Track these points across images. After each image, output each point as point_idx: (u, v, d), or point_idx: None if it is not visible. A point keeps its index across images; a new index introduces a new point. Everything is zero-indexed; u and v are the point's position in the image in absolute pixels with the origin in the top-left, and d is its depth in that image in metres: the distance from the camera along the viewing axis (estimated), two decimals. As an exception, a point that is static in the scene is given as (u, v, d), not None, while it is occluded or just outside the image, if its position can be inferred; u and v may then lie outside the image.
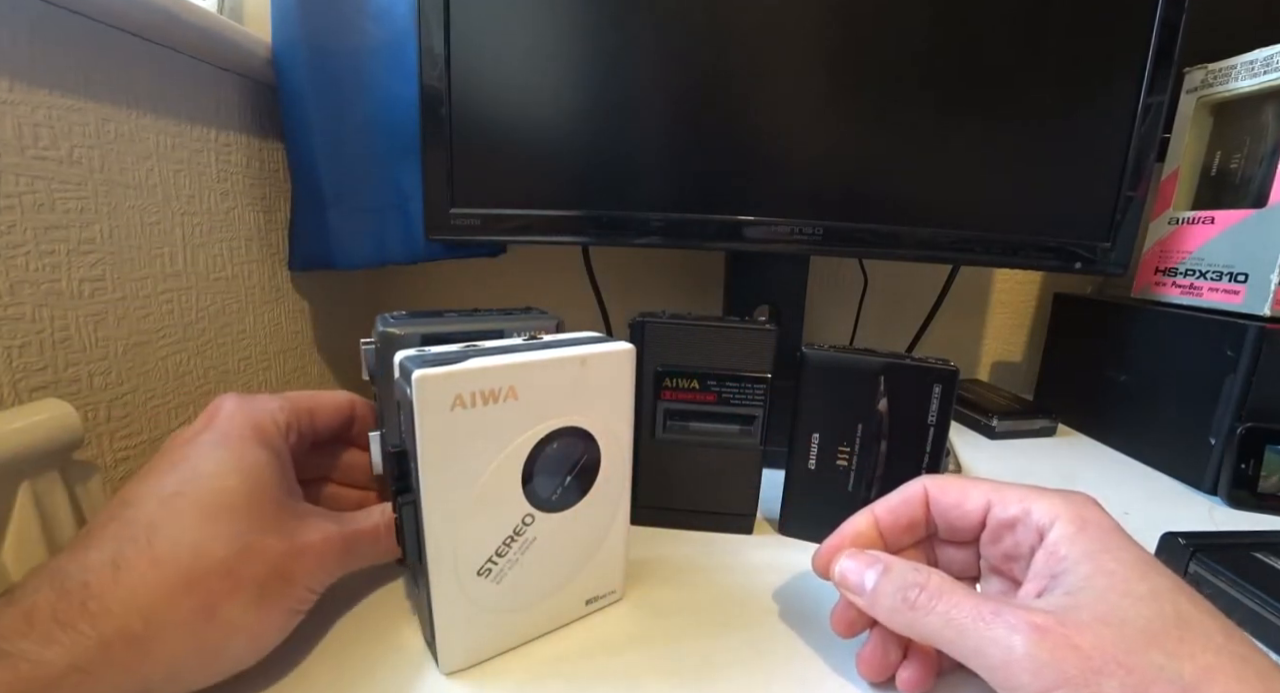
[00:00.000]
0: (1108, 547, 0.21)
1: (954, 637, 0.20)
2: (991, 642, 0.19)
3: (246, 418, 0.25)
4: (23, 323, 0.30)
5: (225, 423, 0.25)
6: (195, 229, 0.41)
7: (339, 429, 0.31)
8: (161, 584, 0.20)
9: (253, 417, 0.26)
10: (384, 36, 0.50)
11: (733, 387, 0.34)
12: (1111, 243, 0.47)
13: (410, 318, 0.29)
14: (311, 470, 0.31)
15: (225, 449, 0.24)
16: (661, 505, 0.36)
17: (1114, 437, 0.55)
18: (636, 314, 0.34)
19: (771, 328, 0.33)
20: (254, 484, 0.23)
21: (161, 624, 0.20)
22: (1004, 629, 0.19)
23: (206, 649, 0.21)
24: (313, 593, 0.24)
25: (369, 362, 0.29)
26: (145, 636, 0.19)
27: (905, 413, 0.32)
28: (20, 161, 0.29)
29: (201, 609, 0.20)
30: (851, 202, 0.46)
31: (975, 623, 0.20)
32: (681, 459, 0.35)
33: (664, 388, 0.34)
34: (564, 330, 0.30)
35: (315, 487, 0.31)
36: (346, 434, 0.32)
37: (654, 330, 0.33)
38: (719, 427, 0.34)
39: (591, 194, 0.46)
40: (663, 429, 0.35)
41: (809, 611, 0.29)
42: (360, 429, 0.32)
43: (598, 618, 0.28)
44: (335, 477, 0.32)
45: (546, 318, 0.31)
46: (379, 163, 0.51)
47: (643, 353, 0.33)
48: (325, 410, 0.30)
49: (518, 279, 0.70)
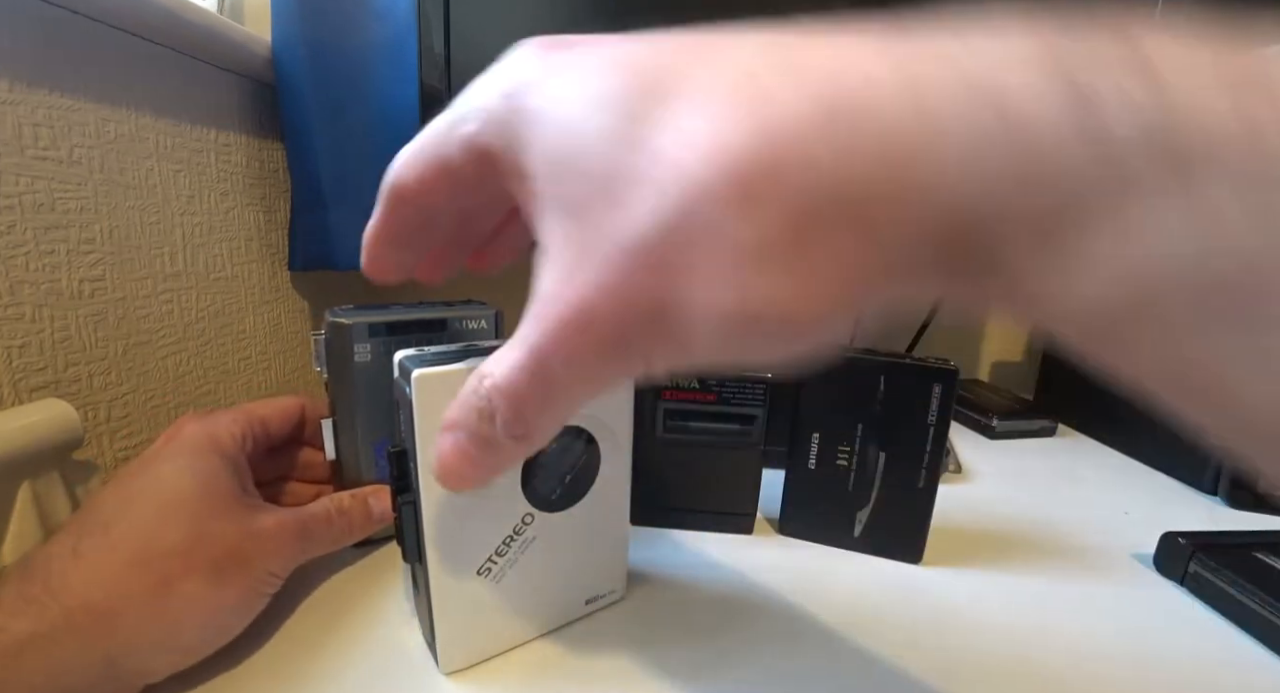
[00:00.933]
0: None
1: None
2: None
3: (203, 433, 0.27)
4: (23, 323, 0.30)
5: (186, 438, 0.27)
6: (195, 229, 0.41)
7: (292, 432, 0.33)
8: (119, 563, 0.22)
9: (209, 431, 0.27)
10: (384, 36, 0.50)
11: (733, 387, 0.34)
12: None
13: (358, 310, 0.31)
14: (271, 471, 0.32)
15: (183, 458, 0.26)
16: (662, 505, 0.36)
17: (1114, 437, 0.55)
18: None
19: None
20: (209, 485, 0.25)
21: (120, 596, 0.21)
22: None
23: (165, 622, 0.22)
24: (273, 576, 0.25)
25: (319, 352, 0.31)
26: (106, 607, 0.21)
27: (905, 413, 0.32)
28: (20, 161, 0.29)
29: (158, 584, 0.22)
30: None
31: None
32: (682, 459, 0.35)
33: (664, 388, 0.34)
34: (502, 322, 0.32)
35: (276, 486, 0.33)
36: (300, 435, 0.33)
37: None
38: (719, 426, 0.34)
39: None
40: (663, 429, 0.35)
41: (809, 611, 0.29)
42: (312, 430, 0.33)
43: (599, 618, 0.28)
44: (294, 475, 0.34)
45: (485, 309, 0.33)
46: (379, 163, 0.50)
47: None
48: (276, 417, 0.31)
49: (518, 279, 0.69)
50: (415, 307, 0.32)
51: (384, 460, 0.31)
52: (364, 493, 0.30)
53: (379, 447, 0.32)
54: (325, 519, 0.28)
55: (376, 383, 0.30)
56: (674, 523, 0.36)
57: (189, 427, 0.27)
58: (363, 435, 0.31)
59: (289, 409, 0.32)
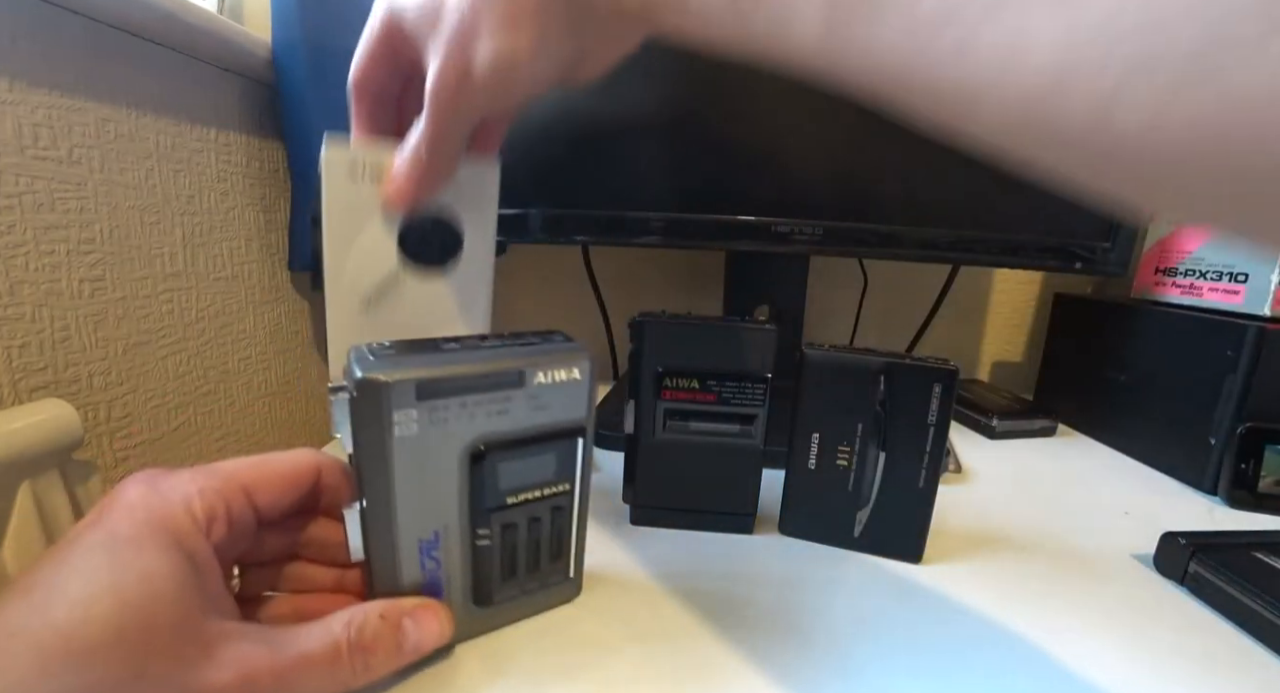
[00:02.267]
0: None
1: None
2: None
3: (150, 512, 0.19)
4: (23, 323, 0.30)
5: (120, 518, 0.19)
6: (195, 229, 0.41)
7: (299, 502, 0.24)
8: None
9: (159, 510, 0.19)
10: (384, 36, 0.50)
11: (733, 386, 0.34)
12: (1111, 243, 0.47)
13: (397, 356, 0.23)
14: (269, 551, 0.24)
15: (108, 558, 0.18)
16: (661, 505, 0.36)
17: (1114, 437, 0.55)
18: (636, 314, 0.34)
19: (772, 328, 0.33)
20: (139, 608, 0.17)
21: None
22: None
23: None
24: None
25: (339, 417, 0.22)
26: None
27: (905, 413, 0.32)
28: (20, 161, 0.29)
29: None
30: (851, 201, 0.46)
31: None
32: (681, 459, 0.35)
33: (664, 387, 0.34)
34: (595, 374, 0.26)
35: (274, 570, 0.25)
36: (315, 504, 0.25)
37: (654, 330, 0.33)
38: (719, 426, 0.34)
39: (591, 194, 0.46)
40: (663, 429, 0.35)
41: (808, 610, 0.29)
42: (331, 500, 0.25)
43: (592, 614, 0.28)
44: (306, 554, 0.25)
45: (573, 348, 0.26)
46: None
47: (643, 353, 0.33)
48: (270, 486, 0.23)
49: (518, 279, 0.70)
50: (477, 347, 0.24)
51: (427, 557, 0.24)
52: (398, 611, 0.22)
53: (427, 545, 0.24)
54: (329, 659, 0.20)
55: (425, 458, 0.22)
56: (673, 523, 0.36)
57: (131, 494, 0.19)
58: (403, 530, 0.23)
59: (293, 475, 0.24)
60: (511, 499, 0.25)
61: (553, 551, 0.27)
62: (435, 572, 0.24)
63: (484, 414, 0.23)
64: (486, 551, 0.25)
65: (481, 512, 0.24)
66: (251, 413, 0.48)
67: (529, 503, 0.26)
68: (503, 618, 0.27)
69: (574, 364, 0.25)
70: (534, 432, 0.24)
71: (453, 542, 0.24)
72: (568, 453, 0.26)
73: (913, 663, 0.26)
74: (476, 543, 0.25)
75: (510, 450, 0.24)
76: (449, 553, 0.24)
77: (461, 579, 0.25)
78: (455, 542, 0.24)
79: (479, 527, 0.24)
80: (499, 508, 0.25)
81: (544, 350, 0.25)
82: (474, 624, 0.26)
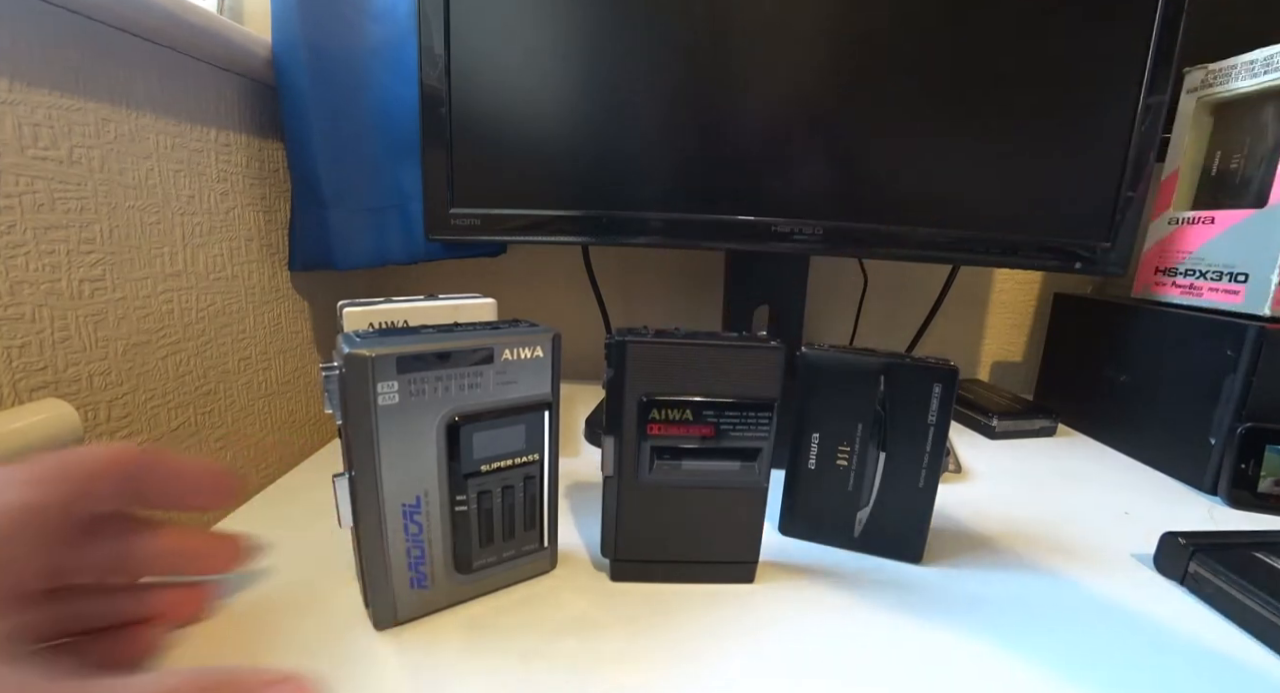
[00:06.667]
0: None
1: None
2: None
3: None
4: (23, 323, 0.30)
5: None
6: (195, 229, 0.41)
7: (120, 493, 0.21)
8: None
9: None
10: (384, 36, 0.50)
11: (732, 417, 0.29)
12: (1111, 243, 0.47)
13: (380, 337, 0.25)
14: (69, 570, 0.21)
15: None
16: (647, 559, 0.30)
17: (1114, 437, 0.55)
18: (615, 333, 0.29)
19: (778, 345, 0.28)
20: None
21: None
22: None
23: None
24: None
25: (331, 393, 0.24)
26: None
27: (905, 413, 0.32)
28: (20, 161, 0.29)
29: None
30: (851, 202, 0.46)
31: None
32: (672, 505, 0.30)
33: (650, 420, 0.28)
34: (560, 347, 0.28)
35: (72, 603, 0.22)
36: (142, 497, 0.22)
37: (637, 352, 0.28)
38: (716, 464, 0.29)
39: (591, 193, 0.46)
40: (649, 470, 0.29)
41: (808, 610, 0.29)
42: (156, 486, 0.23)
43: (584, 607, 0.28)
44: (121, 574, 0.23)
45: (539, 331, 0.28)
46: (379, 163, 0.51)
47: (624, 379, 0.28)
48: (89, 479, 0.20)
49: (518, 279, 0.70)
50: (450, 330, 0.27)
51: (410, 520, 0.26)
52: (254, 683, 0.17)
53: (410, 509, 0.26)
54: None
55: (406, 428, 0.25)
56: (662, 577, 0.31)
57: None
58: (389, 494, 0.25)
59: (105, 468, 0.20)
60: (485, 467, 0.28)
61: (526, 518, 0.30)
62: (418, 535, 0.27)
63: (458, 388, 0.26)
64: (464, 516, 0.28)
65: (459, 478, 0.27)
66: (251, 413, 0.48)
67: (502, 470, 0.28)
68: (483, 586, 0.29)
69: (538, 343, 0.28)
70: (504, 405, 0.27)
71: (433, 506, 0.27)
72: (535, 425, 0.28)
73: (912, 662, 0.26)
74: (455, 509, 0.27)
75: (483, 421, 0.27)
76: (430, 517, 0.27)
77: (443, 543, 0.27)
78: (436, 506, 0.27)
79: (457, 492, 0.27)
80: (474, 474, 0.27)
81: (511, 332, 0.28)
82: (456, 592, 0.28)
